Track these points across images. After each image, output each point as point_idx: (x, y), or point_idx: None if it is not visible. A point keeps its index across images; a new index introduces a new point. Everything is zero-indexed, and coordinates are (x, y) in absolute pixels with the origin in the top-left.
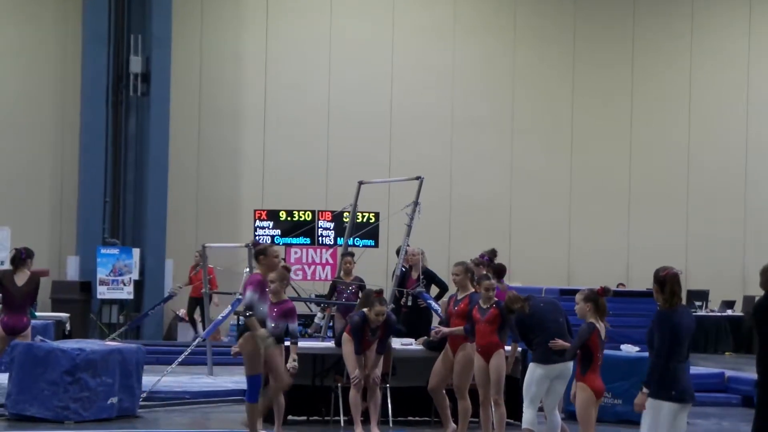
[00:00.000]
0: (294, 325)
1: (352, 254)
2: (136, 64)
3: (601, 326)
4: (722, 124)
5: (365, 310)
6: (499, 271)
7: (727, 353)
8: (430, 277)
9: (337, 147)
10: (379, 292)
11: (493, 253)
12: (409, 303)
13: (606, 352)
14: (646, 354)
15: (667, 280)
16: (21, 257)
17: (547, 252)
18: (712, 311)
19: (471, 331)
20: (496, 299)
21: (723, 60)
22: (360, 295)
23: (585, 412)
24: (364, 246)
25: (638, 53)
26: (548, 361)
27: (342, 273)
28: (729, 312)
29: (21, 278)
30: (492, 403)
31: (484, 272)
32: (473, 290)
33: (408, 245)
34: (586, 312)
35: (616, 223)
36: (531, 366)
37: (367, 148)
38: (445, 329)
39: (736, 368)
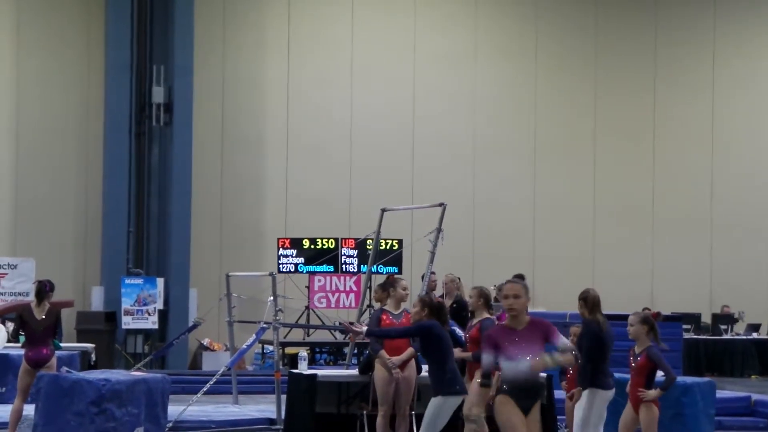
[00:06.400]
0: None
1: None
2: (158, 95)
3: None
4: (745, 150)
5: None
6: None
7: (753, 376)
8: (462, 307)
9: (360, 173)
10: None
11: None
12: None
13: None
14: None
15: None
16: (45, 290)
17: (570, 278)
18: (738, 335)
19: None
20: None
21: (746, 86)
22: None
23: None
24: (387, 273)
25: (660, 79)
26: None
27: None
28: (755, 335)
29: (40, 311)
30: None
31: None
32: (487, 316)
33: (432, 272)
34: (642, 333)
35: (639, 249)
36: (592, 391)
37: (389, 174)
38: None
39: (762, 392)
